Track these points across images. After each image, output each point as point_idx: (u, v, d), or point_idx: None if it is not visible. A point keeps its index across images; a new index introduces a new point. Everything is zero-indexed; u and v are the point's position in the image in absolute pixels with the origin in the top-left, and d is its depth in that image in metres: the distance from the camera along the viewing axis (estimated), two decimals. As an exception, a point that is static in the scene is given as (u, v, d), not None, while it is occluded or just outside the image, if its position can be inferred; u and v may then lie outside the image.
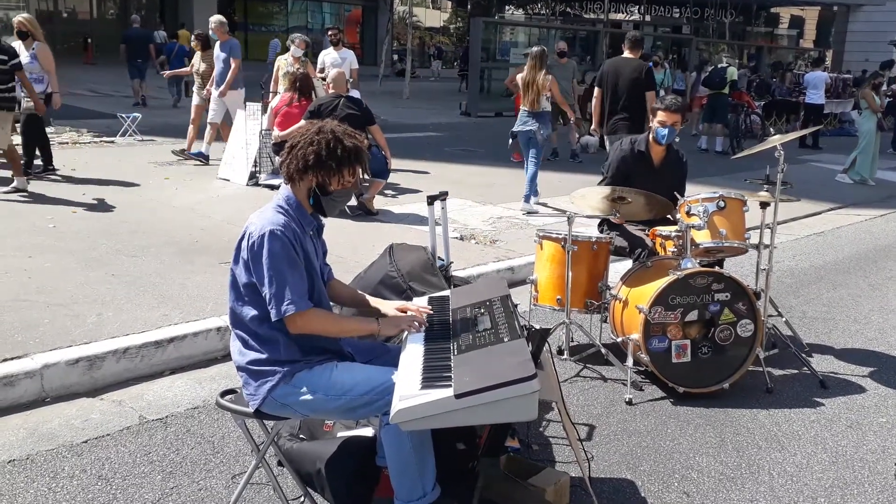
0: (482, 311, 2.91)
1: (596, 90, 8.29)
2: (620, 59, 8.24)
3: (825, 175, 12.75)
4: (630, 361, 4.30)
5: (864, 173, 12.21)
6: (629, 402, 4.17)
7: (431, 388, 2.38)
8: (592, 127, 8.78)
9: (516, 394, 2.30)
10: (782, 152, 4.67)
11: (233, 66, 9.98)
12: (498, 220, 7.96)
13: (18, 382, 3.86)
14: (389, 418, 2.39)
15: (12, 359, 4.00)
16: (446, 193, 4.43)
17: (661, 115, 4.91)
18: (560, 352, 4.74)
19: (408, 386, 2.44)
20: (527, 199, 8.66)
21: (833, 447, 3.82)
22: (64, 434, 3.61)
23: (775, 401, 4.31)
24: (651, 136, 5.01)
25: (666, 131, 4.89)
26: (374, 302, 3.12)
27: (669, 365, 4.26)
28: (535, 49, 9.02)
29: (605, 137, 8.33)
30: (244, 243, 2.73)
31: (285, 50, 10.84)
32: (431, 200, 4.24)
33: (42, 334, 4.32)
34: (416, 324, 2.90)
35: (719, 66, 15.22)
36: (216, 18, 10.22)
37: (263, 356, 2.75)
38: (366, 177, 5.37)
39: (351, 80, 9.73)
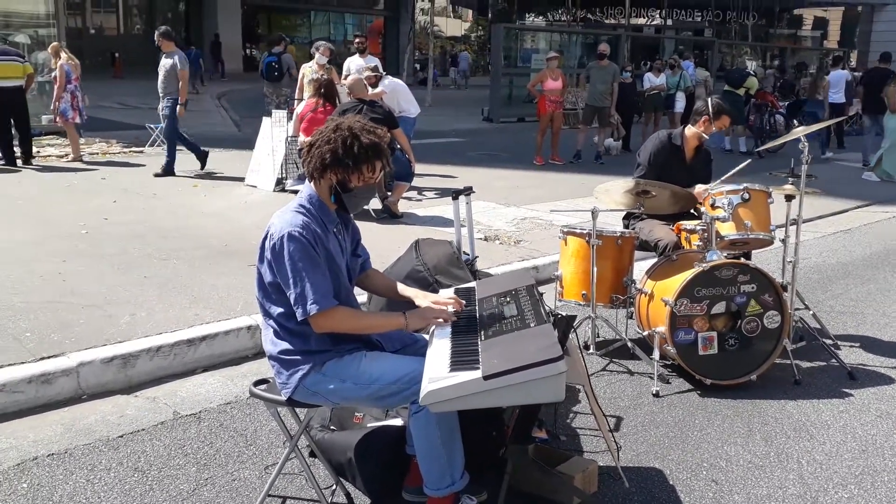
0: (508, 299, 2.95)
1: (863, 88, 14.07)
2: (877, 69, 14.06)
3: (851, 173, 12.61)
4: (657, 354, 4.30)
5: (891, 171, 12.07)
6: (656, 395, 4.18)
7: (460, 371, 2.43)
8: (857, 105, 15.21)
9: (543, 375, 2.33)
10: (806, 144, 4.66)
11: None
12: (522, 222, 7.99)
13: (56, 380, 3.96)
14: (420, 399, 2.44)
15: (49, 357, 4.10)
16: (470, 188, 4.47)
17: (726, 120, 5.09)
18: (586, 346, 4.74)
19: (437, 369, 2.49)
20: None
21: (863, 436, 3.80)
22: (100, 429, 3.69)
23: (803, 392, 4.30)
24: (700, 135, 5.10)
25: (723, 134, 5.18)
26: (407, 291, 3.10)
27: (696, 357, 4.26)
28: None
29: (866, 115, 14.02)
30: (266, 244, 2.79)
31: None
32: (456, 196, 4.28)
33: (77, 334, 4.42)
34: (443, 319, 2.87)
35: (740, 66, 15.25)
36: None
37: (294, 346, 2.80)
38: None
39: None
